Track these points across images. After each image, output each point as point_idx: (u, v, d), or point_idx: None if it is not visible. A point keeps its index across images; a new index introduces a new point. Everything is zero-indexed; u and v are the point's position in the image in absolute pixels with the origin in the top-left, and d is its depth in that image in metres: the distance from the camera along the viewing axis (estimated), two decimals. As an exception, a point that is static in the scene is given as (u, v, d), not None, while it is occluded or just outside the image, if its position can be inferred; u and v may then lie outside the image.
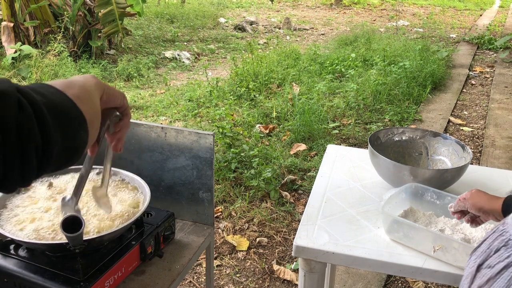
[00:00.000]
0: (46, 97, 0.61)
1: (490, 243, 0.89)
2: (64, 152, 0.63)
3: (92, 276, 1.07)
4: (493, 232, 0.91)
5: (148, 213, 1.32)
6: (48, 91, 0.63)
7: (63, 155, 0.63)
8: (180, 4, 11.43)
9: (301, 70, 6.12)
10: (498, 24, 11.54)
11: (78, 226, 0.99)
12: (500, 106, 5.43)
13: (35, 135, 0.56)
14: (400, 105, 5.05)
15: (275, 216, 2.98)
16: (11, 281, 1.09)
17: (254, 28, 10.04)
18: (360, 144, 4.10)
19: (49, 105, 0.60)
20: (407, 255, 1.21)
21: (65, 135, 0.62)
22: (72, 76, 0.74)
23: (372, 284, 2.43)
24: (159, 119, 4.57)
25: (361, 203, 1.44)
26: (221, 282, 2.45)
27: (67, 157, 0.64)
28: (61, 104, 0.64)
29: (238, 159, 3.52)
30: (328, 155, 1.76)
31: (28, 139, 0.55)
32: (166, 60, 7.15)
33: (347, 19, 11.94)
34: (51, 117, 0.59)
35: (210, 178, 1.41)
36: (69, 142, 0.63)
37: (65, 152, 0.63)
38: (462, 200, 1.18)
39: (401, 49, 6.97)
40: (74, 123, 0.65)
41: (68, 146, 0.63)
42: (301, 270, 1.30)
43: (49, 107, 0.60)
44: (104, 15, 5.96)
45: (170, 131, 1.41)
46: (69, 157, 0.65)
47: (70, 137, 0.64)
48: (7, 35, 5.90)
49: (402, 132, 1.71)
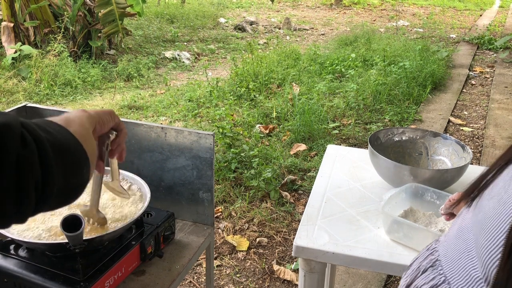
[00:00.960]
0: (51, 134, 0.60)
1: (420, 262, 0.82)
2: (65, 190, 0.62)
3: (92, 276, 1.07)
4: (426, 249, 0.84)
5: (148, 213, 1.32)
6: (53, 128, 0.63)
7: (63, 193, 0.62)
8: (180, 4, 11.44)
9: (301, 70, 6.12)
10: (498, 24, 11.54)
11: (78, 225, 0.99)
12: (500, 106, 5.43)
13: (36, 171, 0.55)
14: (400, 105, 5.05)
15: (275, 216, 2.98)
16: (11, 281, 1.09)
17: (254, 28, 10.04)
18: (360, 144, 4.10)
19: (54, 143, 0.60)
20: (407, 255, 1.20)
21: (67, 174, 0.61)
22: (65, 113, 0.73)
23: (372, 284, 2.43)
24: (159, 119, 4.57)
25: (361, 203, 1.44)
26: (221, 282, 2.44)
27: (67, 195, 0.64)
28: (66, 143, 0.64)
29: (238, 159, 3.52)
30: (328, 155, 1.76)
31: (28, 174, 0.54)
32: (166, 60, 7.15)
33: (347, 19, 11.95)
34: (55, 155, 0.58)
35: (210, 178, 1.41)
36: (71, 181, 0.63)
37: (66, 191, 0.62)
38: (452, 201, 1.17)
39: (401, 49, 6.97)
40: (78, 162, 0.65)
41: (69, 185, 0.62)
42: (301, 270, 1.30)
43: (54, 145, 0.59)
44: (104, 15, 5.96)
45: (170, 131, 1.41)
46: (70, 196, 0.65)
47: (72, 176, 0.63)
48: (7, 35, 5.90)
49: (402, 132, 1.71)
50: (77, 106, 4.98)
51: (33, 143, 0.55)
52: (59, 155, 0.60)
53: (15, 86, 5.20)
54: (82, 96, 5.31)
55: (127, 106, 4.92)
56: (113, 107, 4.90)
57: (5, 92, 5.08)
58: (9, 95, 5.05)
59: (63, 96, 5.25)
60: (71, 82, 5.46)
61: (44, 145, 0.57)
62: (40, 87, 5.24)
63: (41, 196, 0.57)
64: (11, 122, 0.53)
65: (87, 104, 5.03)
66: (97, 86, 5.67)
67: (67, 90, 5.36)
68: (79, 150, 0.66)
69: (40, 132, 0.58)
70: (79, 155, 0.66)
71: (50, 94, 5.18)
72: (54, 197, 0.60)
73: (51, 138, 0.60)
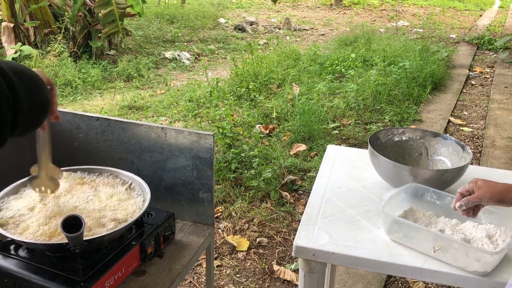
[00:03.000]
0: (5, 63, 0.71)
1: None
2: (33, 108, 0.72)
3: (92, 277, 1.07)
4: None
5: (148, 213, 1.32)
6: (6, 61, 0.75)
7: (32, 110, 0.72)
8: (180, 4, 11.44)
9: (301, 70, 6.12)
10: (498, 25, 11.54)
11: (78, 226, 1.00)
12: (500, 106, 5.43)
13: (3, 88, 0.65)
14: (400, 106, 5.05)
15: (275, 217, 2.98)
16: (11, 282, 1.09)
17: (254, 29, 10.04)
18: (360, 145, 4.10)
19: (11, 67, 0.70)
20: (407, 256, 1.21)
21: (31, 92, 0.72)
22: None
23: (372, 284, 2.43)
24: (159, 119, 4.57)
25: (361, 204, 1.44)
26: (221, 282, 2.45)
27: (36, 112, 0.75)
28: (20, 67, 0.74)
29: (238, 159, 3.52)
30: (328, 156, 1.76)
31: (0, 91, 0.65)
32: (166, 60, 7.15)
33: (347, 20, 11.95)
34: (15, 76, 0.68)
35: (210, 179, 1.41)
36: (35, 98, 0.73)
37: (34, 108, 0.73)
38: (475, 197, 1.15)
39: (401, 50, 6.97)
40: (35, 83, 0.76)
41: (35, 103, 0.73)
42: (301, 271, 1.30)
43: (11, 69, 0.69)
44: (104, 16, 5.96)
45: (170, 131, 1.41)
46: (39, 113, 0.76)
47: (35, 94, 0.74)
48: (7, 36, 5.90)
49: (402, 132, 1.71)
50: (77, 106, 4.98)
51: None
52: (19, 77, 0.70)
53: (15, 86, 5.20)
54: (82, 97, 5.31)
55: (127, 107, 4.92)
56: (113, 107, 4.90)
57: (5, 92, 5.08)
58: (9, 95, 5.05)
59: (63, 96, 5.25)
60: (71, 83, 5.46)
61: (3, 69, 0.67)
62: (40, 87, 5.24)
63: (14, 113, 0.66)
64: None
65: (87, 105, 5.03)
66: (97, 86, 5.67)
67: (67, 90, 5.36)
68: (35, 75, 0.78)
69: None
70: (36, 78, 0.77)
71: (50, 95, 5.17)
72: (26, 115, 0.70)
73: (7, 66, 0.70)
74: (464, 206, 1.17)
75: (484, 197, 1.14)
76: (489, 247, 1.16)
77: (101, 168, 1.39)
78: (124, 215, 1.20)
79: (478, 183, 1.17)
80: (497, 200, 1.12)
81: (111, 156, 1.52)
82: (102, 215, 1.19)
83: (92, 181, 1.35)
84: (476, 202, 1.16)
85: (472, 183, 1.19)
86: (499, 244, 1.17)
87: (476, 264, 1.12)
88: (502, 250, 1.11)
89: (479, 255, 1.11)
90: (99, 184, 1.34)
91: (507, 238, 1.18)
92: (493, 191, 1.12)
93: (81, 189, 1.30)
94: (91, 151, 1.55)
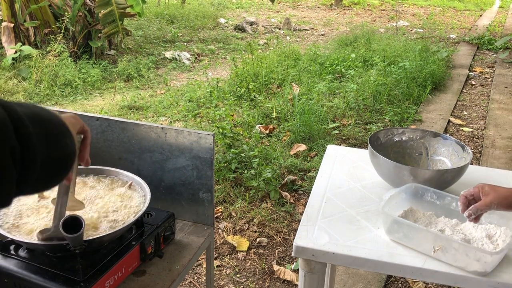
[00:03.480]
0: (24, 106, 0.58)
1: None
2: (50, 162, 0.59)
3: (92, 277, 1.07)
4: None
5: (148, 213, 1.32)
6: (27, 104, 0.61)
7: (49, 165, 0.59)
8: (180, 4, 11.44)
9: (301, 70, 6.12)
10: (498, 25, 11.54)
11: (78, 226, 0.99)
12: (500, 106, 5.43)
13: (9, 136, 0.52)
14: (400, 106, 5.05)
15: (275, 217, 2.98)
16: (11, 282, 1.09)
17: (254, 29, 10.04)
18: (360, 145, 4.10)
19: (29, 112, 0.57)
20: (407, 256, 1.21)
21: (50, 144, 0.59)
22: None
23: (372, 284, 2.43)
24: (159, 119, 4.57)
25: (361, 204, 1.44)
26: (221, 282, 2.45)
27: (54, 167, 0.61)
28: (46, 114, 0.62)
29: (238, 159, 3.52)
30: (328, 156, 1.76)
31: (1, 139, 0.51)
32: (166, 60, 7.15)
33: (347, 20, 11.95)
34: (32, 123, 0.56)
35: (210, 179, 1.41)
36: (55, 151, 0.60)
37: (51, 162, 0.59)
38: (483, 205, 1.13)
39: (401, 50, 6.97)
40: (58, 132, 0.62)
41: (53, 156, 0.59)
42: (301, 271, 1.30)
43: (29, 114, 0.57)
44: (104, 16, 5.96)
45: (170, 131, 1.41)
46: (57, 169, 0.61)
47: (55, 146, 0.60)
48: (7, 36, 5.90)
49: (402, 132, 1.71)
50: (77, 106, 4.98)
51: (3, 111, 0.53)
52: (37, 123, 0.57)
53: (15, 86, 5.20)
54: (82, 97, 5.31)
55: (127, 107, 4.92)
56: (113, 108, 4.90)
57: (5, 92, 5.08)
58: (9, 95, 5.05)
59: (63, 96, 5.25)
60: (71, 83, 5.46)
61: (17, 113, 0.55)
62: (40, 87, 5.24)
63: (22, 166, 0.54)
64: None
65: (87, 105, 5.03)
66: (97, 86, 5.67)
67: (67, 90, 5.36)
68: (59, 121, 0.64)
69: (12, 103, 0.56)
70: (59, 125, 0.63)
71: (50, 95, 5.18)
72: (40, 170, 0.57)
73: (26, 109, 0.58)
74: (473, 214, 1.16)
75: (492, 204, 1.12)
76: (489, 247, 1.16)
77: (101, 168, 1.39)
78: (124, 215, 1.20)
79: (485, 189, 1.15)
80: (506, 205, 1.10)
81: (111, 156, 1.52)
82: (101, 215, 1.19)
83: (92, 181, 1.35)
84: (485, 209, 1.14)
85: (477, 188, 1.17)
86: (499, 244, 1.17)
87: (476, 264, 1.12)
88: (502, 250, 1.11)
89: (479, 255, 1.11)
90: (99, 184, 1.34)
91: (507, 238, 1.18)
92: (501, 197, 1.11)
93: (81, 189, 1.30)
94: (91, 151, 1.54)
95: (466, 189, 1.22)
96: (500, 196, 1.11)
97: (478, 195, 1.17)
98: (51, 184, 0.64)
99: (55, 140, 0.62)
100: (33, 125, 0.57)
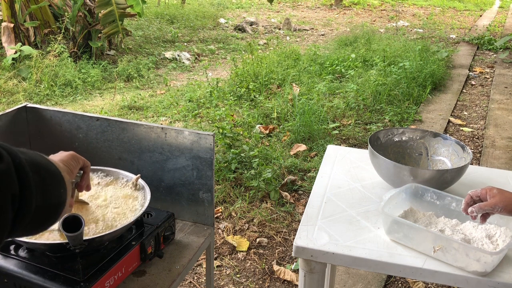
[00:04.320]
0: (26, 154, 0.61)
1: None
2: (44, 209, 0.61)
3: (92, 277, 1.07)
4: None
5: (148, 213, 1.32)
6: (28, 151, 0.64)
7: (42, 213, 0.61)
8: (180, 4, 11.44)
9: (301, 70, 6.12)
10: (498, 25, 11.54)
11: (78, 225, 0.99)
12: (500, 106, 5.43)
13: (13, 184, 0.55)
14: (400, 106, 5.05)
15: (275, 217, 2.98)
16: (12, 282, 1.09)
17: (254, 29, 10.04)
18: (360, 145, 4.10)
19: (31, 161, 0.60)
20: (407, 256, 1.21)
21: (46, 192, 0.61)
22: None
23: (372, 284, 2.43)
24: (159, 119, 4.57)
25: (361, 204, 1.44)
26: (221, 282, 2.44)
27: (46, 215, 0.63)
28: (44, 162, 0.65)
29: (238, 159, 3.52)
30: (328, 156, 1.76)
31: (5, 186, 0.54)
32: (166, 60, 7.15)
33: (347, 20, 11.95)
34: (32, 172, 0.59)
35: (210, 179, 1.41)
36: (49, 200, 0.62)
37: (45, 210, 0.62)
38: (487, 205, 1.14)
39: (401, 50, 6.97)
40: (55, 181, 0.65)
41: (48, 204, 0.62)
42: (301, 271, 1.30)
43: (31, 163, 0.60)
44: (104, 16, 5.96)
45: (170, 131, 1.41)
46: (49, 216, 0.64)
47: (51, 195, 0.63)
48: (7, 36, 5.90)
49: (402, 132, 1.71)
50: (77, 106, 4.98)
51: (9, 158, 0.56)
52: (37, 172, 0.60)
53: (15, 86, 5.20)
54: (82, 97, 5.31)
55: (127, 107, 4.92)
56: (113, 108, 4.90)
57: (5, 92, 5.08)
58: (9, 95, 5.05)
59: (63, 96, 5.25)
60: (71, 83, 5.46)
61: (20, 160, 0.57)
62: (40, 87, 5.24)
63: (18, 212, 0.56)
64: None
65: (87, 105, 5.03)
66: (97, 86, 5.67)
67: (67, 90, 5.36)
68: (55, 171, 0.67)
69: (14, 149, 0.59)
70: (55, 175, 0.66)
71: (50, 95, 5.18)
72: (33, 216, 0.59)
73: (27, 157, 0.60)
74: (475, 212, 1.18)
75: (497, 206, 1.14)
76: (489, 247, 1.16)
77: (101, 168, 1.39)
78: (123, 216, 1.20)
79: (493, 191, 1.16)
80: (510, 210, 1.12)
81: (111, 156, 1.52)
82: (101, 215, 1.18)
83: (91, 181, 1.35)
84: (488, 210, 1.16)
85: (485, 189, 1.19)
86: (499, 244, 1.17)
87: (476, 264, 1.12)
88: (502, 250, 1.11)
89: (479, 255, 1.11)
90: (98, 184, 1.34)
91: (507, 238, 1.18)
92: (507, 201, 1.12)
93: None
94: (91, 151, 1.55)
95: (474, 190, 1.23)
96: (506, 200, 1.12)
97: (485, 197, 1.19)
98: (40, 230, 0.66)
99: (51, 190, 0.64)
100: (33, 173, 0.59)
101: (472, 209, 1.18)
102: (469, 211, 1.20)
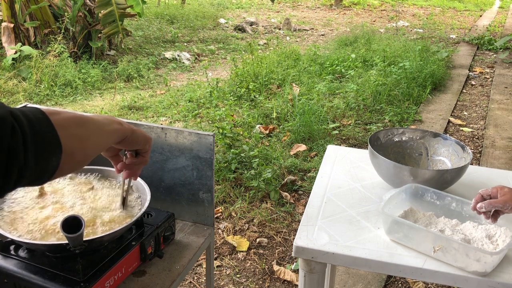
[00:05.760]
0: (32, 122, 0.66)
1: None
2: (35, 173, 0.67)
3: (92, 277, 1.07)
4: None
5: (148, 213, 1.32)
6: (37, 117, 0.68)
7: (33, 175, 0.67)
8: (180, 5, 11.44)
9: (301, 70, 6.12)
10: (498, 25, 11.55)
11: (78, 226, 0.99)
12: (500, 106, 5.43)
13: (20, 158, 0.62)
14: (400, 106, 5.05)
15: (275, 217, 2.98)
16: (11, 282, 1.09)
17: (254, 29, 10.04)
18: (360, 145, 4.10)
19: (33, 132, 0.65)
20: (407, 256, 1.21)
21: (38, 160, 0.66)
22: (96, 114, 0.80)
23: (372, 284, 2.43)
24: (159, 119, 4.58)
25: (361, 204, 1.44)
26: (221, 282, 2.44)
27: (37, 177, 0.69)
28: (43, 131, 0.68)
29: (238, 159, 3.52)
30: (328, 156, 1.76)
31: (14, 160, 0.61)
32: (166, 60, 7.15)
33: (347, 20, 11.95)
34: (32, 144, 0.64)
35: (210, 179, 1.41)
36: (40, 166, 0.68)
37: (36, 174, 0.68)
38: (498, 202, 1.15)
39: (401, 50, 6.97)
40: (49, 150, 0.69)
41: (39, 170, 0.68)
42: (301, 271, 1.30)
43: (33, 134, 0.65)
44: (104, 16, 5.96)
45: (170, 131, 1.41)
46: (39, 178, 0.70)
47: (42, 162, 0.68)
48: (7, 36, 5.90)
49: (402, 132, 1.71)
50: (77, 106, 4.98)
51: (20, 132, 0.61)
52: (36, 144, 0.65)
53: (15, 86, 5.20)
54: (82, 97, 5.31)
55: (127, 107, 4.92)
56: (113, 108, 4.90)
57: (6, 92, 5.08)
58: (10, 95, 5.05)
59: (63, 96, 5.25)
60: (71, 83, 5.46)
61: (27, 134, 0.63)
62: (40, 87, 5.24)
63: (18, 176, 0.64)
64: (4, 115, 0.60)
65: (87, 105, 5.03)
66: (97, 86, 5.67)
67: (67, 90, 5.36)
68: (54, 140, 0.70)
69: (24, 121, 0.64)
70: (52, 143, 0.69)
71: (50, 95, 5.18)
72: (26, 178, 0.66)
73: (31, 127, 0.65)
74: (484, 208, 1.18)
75: (507, 203, 1.14)
76: (489, 247, 1.16)
77: (101, 169, 1.39)
78: (123, 215, 1.20)
79: (504, 190, 1.17)
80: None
81: (111, 157, 1.52)
82: (101, 215, 1.18)
83: (91, 181, 1.35)
84: (498, 207, 1.16)
85: (496, 188, 1.19)
86: (499, 244, 1.17)
87: (476, 264, 1.12)
88: (502, 250, 1.11)
89: (479, 255, 1.11)
90: (98, 184, 1.34)
91: (507, 238, 1.18)
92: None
93: (81, 189, 1.30)
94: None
95: (485, 189, 1.23)
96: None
97: (496, 195, 1.19)
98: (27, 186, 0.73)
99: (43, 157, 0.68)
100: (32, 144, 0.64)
101: (481, 205, 1.19)
102: (478, 206, 1.20)
